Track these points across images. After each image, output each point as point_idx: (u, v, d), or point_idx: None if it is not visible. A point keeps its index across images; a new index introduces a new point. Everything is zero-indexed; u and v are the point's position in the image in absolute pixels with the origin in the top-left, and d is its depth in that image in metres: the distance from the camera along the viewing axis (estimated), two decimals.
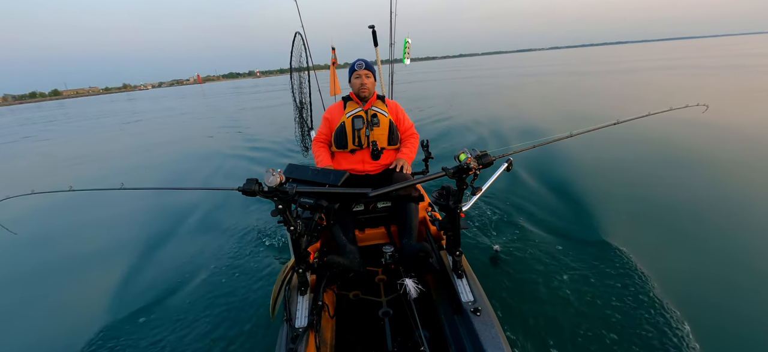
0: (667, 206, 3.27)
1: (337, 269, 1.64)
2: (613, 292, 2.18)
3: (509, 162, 1.59)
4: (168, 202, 4.51)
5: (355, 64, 2.21)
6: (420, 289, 1.57)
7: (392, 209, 2.14)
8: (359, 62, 2.20)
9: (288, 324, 1.40)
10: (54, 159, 9.00)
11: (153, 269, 2.99)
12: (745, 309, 2.03)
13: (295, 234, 1.41)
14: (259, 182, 1.33)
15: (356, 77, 2.18)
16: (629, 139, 5.39)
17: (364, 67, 2.18)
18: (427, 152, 2.59)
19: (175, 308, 2.42)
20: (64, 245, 3.69)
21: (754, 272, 2.32)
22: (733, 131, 5.46)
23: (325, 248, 2.06)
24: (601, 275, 2.34)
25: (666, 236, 2.82)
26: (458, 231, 1.54)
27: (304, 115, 4.05)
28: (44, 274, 3.12)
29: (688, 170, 4.06)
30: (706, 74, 14.41)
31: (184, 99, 34.63)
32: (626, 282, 2.25)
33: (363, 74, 2.17)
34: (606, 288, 2.22)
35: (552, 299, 2.16)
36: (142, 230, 3.77)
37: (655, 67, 20.30)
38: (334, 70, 3.80)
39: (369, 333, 1.63)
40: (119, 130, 13.98)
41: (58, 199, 4.81)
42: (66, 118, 21.63)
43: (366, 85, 2.17)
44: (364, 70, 2.18)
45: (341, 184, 1.55)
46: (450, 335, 1.52)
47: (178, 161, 7.30)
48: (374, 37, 3.55)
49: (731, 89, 9.94)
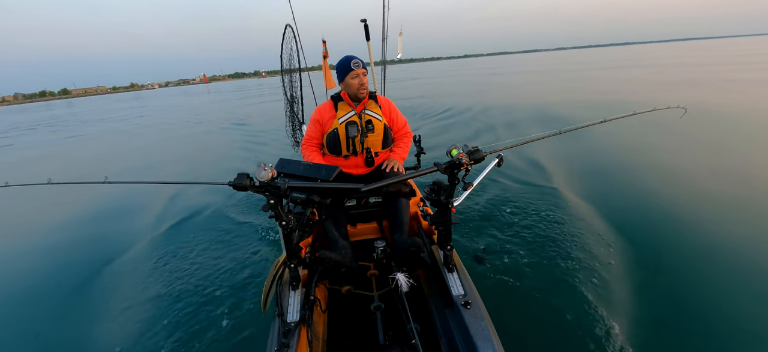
0: (663, 209, 3.37)
1: (329, 265, 1.64)
2: (600, 287, 2.24)
3: (500, 158, 1.61)
4: (156, 196, 4.43)
5: (350, 62, 1.98)
6: (411, 283, 1.59)
7: (384, 204, 2.13)
8: (356, 60, 1.99)
9: (280, 319, 1.40)
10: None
11: (141, 264, 2.95)
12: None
13: (286, 229, 1.41)
14: (250, 177, 1.32)
15: (354, 77, 1.98)
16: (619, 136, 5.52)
17: (361, 65, 2.00)
18: (419, 148, 2.60)
19: (165, 302, 2.39)
20: (60, 238, 3.59)
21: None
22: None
23: (317, 242, 2.05)
24: (588, 271, 2.40)
25: (659, 237, 2.82)
26: (449, 226, 1.56)
27: (295, 109, 4.00)
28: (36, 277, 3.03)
29: (682, 173, 4.19)
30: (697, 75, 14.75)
31: (190, 97, 34.10)
32: (611, 277, 2.32)
33: (361, 73, 1.99)
34: (593, 284, 2.28)
35: (539, 295, 2.21)
36: (127, 224, 3.70)
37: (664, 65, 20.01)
38: (326, 64, 3.75)
39: (361, 327, 1.64)
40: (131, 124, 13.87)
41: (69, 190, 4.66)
42: (75, 120, 20.11)
43: (365, 85, 2.02)
44: (361, 68, 1.99)
45: (333, 179, 1.54)
46: (441, 328, 1.54)
47: (166, 154, 7.18)
48: (366, 31, 3.51)
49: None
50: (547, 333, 1.93)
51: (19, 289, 2.80)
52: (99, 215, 4.14)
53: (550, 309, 2.07)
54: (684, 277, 2.30)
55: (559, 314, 2.01)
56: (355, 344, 1.58)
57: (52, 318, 2.41)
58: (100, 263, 3.02)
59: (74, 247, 3.43)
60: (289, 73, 3.87)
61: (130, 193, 4.59)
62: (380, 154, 2.14)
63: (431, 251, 1.77)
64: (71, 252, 3.32)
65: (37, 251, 3.41)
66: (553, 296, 2.16)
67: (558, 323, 1.97)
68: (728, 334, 1.87)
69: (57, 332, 2.28)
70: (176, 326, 2.16)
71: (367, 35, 3.54)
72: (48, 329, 2.32)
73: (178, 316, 2.24)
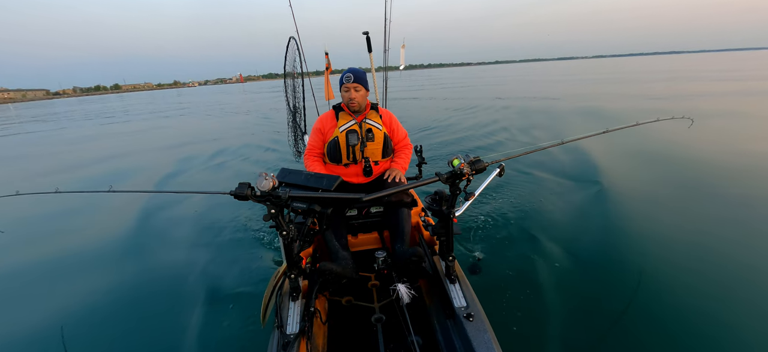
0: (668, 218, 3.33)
1: (330, 276, 1.63)
2: (601, 296, 2.21)
3: (501, 168, 1.60)
4: (159, 205, 4.44)
5: (343, 76, 2.05)
6: (412, 294, 1.57)
7: (385, 214, 2.13)
8: (347, 74, 2.03)
9: (279, 331, 1.38)
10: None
11: (140, 273, 2.93)
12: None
13: (287, 239, 1.40)
14: (251, 187, 1.32)
15: (345, 91, 2.03)
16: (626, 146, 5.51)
17: (353, 80, 2.02)
18: (421, 158, 2.60)
19: (162, 311, 2.37)
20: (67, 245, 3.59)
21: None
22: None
23: (317, 253, 2.04)
24: (588, 279, 2.37)
25: (661, 246, 2.80)
26: (451, 236, 1.55)
27: (298, 119, 4.03)
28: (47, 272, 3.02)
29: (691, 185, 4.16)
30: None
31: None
32: (612, 284, 2.29)
33: (352, 88, 2.02)
34: (594, 293, 2.24)
35: (540, 306, 2.17)
36: (131, 233, 3.69)
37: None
38: (328, 76, 3.80)
39: (361, 339, 1.62)
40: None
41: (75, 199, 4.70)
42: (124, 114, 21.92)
43: (355, 100, 2.03)
44: (352, 83, 2.02)
45: (334, 189, 1.54)
46: (443, 341, 1.52)
47: (176, 163, 7.23)
48: (368, 43, 3.56)
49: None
50: (551, 347, 1.89)
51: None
52: (94, 224, 4.13)
53: (554, 322, 2.03)
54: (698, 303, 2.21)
55: (565, 328, 1.98)
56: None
57: (52, 318, 2.39)
58: (88, 274, 3.00)
59: (70, 252, 3.42)
60: (292, 84, 3.91)
61: (135, 201, 4.59)
62: (380, 164, 2.15)
63: (433, 261, 1.76)
64: (62, 258, 3.32)
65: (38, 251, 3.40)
66: (558, 309, 2.12)
67: (563, 336, 1.93)
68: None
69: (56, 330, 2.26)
70: (172, 335, 2.13)
71: (369, 47, 3.58)
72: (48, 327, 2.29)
73: (173, 326, 2.21)
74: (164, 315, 2.35)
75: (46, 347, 2.18)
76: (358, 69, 2.08)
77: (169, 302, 2.50)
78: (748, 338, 1.88)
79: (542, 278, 2.41)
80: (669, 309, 2.07)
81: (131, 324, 2.31)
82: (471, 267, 2.59)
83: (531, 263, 2.60)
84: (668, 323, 1.98)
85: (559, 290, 2.29)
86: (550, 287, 2.32)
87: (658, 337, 1.89)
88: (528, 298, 2.24)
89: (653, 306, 2.10)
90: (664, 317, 2.01)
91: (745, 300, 2.14)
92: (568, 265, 2.56)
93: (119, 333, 2.25)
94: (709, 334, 1.91)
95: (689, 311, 2.05)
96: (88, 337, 2.25)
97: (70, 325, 2.34)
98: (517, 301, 2.22)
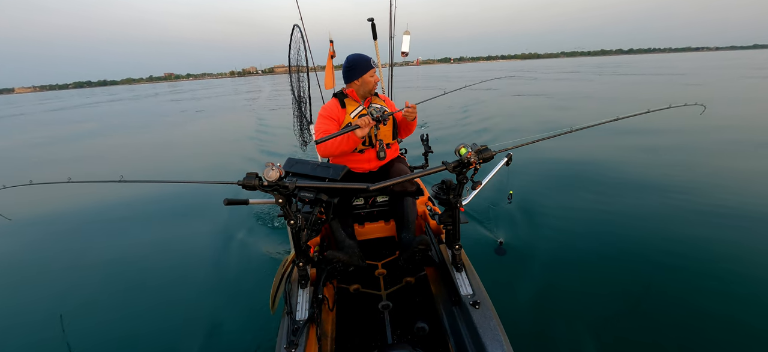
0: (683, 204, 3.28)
1: (337, 264, 1.66)
2: (616, 285, 2.20)
3: (509, 156, 1.59)
4: (169, 194, 4.51)
5: (370, 60, 1.99)
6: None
7: (391, 203, 2.13)
8: (368, 61, 1.99)
9: (289, 317, 1.41)
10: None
11: (148, 262, 2.99)
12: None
13: (295, 228, 1.41)
14: (258, 176, 1.33)
15: (372, 75, 1.99)
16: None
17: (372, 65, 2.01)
18: (427, 147, 2.58)
19: (173, 300, 2.43)
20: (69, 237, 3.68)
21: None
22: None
23: (325, 242, 2.06)
24: (605, 269, 2.36)
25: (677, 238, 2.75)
26: (458, 225, 1.55)
27: (303, 109, 4.03)
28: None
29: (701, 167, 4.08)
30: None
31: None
32: (630, 276, 2.28)
33: (374, 73, 2.02)
34: (611, 282, 2.24)
35: (554, 292, 2.18)
36: (139, 222, 3.76)
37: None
38: (331, 63, 3.76)
39: (369, 326, 1.64)
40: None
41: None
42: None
43: (375, 84, 2.04)
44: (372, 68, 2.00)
45: (341, 178, 1.55)
46: (449, 328, 1.53)
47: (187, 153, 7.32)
48: (373, 30, 3.50)
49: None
50: (557, 335, 1.90)
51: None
52: (105, 215, 4.22)
53: (560, 311, 2.04)
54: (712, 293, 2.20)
55: (571, 317, 1.98)
56: (363, 342, 1.58)
57: (52, 317, 2.47)
58: (102, 262, 3.07)
59: (76, 247, 3.51)
60: (297, 74, 3.89)
61: (144, 190, 4.67)
62: (392, 146, 2.14)
63: (439, 249, 1.76)
64: (65, 252, 3.40)
65: (37, 252, 3.49)
66: (565, 298, 2.13)
67: (569, 325, 1.94)
68: None
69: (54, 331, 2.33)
70: (185, 323, 2.19)
71: (374, 34, 3.53)
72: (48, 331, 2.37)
73: (186, 314, 2.27)
74: (175, 303, 2.41)
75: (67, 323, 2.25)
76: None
77: (181, 289, 2.56)
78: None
79: (553, 270, 2.41)
80: (687, 308, 2.04)
81: (141, 311, 2.37)
82: (497, 250, 2.65)
83: (541, 254, 2.60)
84: (687, 319, 1.94)
85: (573, 279, 2.29)
86: (560, 278, 2.32)
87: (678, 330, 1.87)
88: (537, 288, 2.25)
89: (672, 304, 2.07)
90: (685, 314, 1.98)
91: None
92: (577, 257, 2.56)
93: (130, 319, 2.31)
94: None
95: (695, 311, 2.02)
96: (98, 323, 2.31)
97: (76, 309, 2.42)
98: (524, 290, 2.23)
